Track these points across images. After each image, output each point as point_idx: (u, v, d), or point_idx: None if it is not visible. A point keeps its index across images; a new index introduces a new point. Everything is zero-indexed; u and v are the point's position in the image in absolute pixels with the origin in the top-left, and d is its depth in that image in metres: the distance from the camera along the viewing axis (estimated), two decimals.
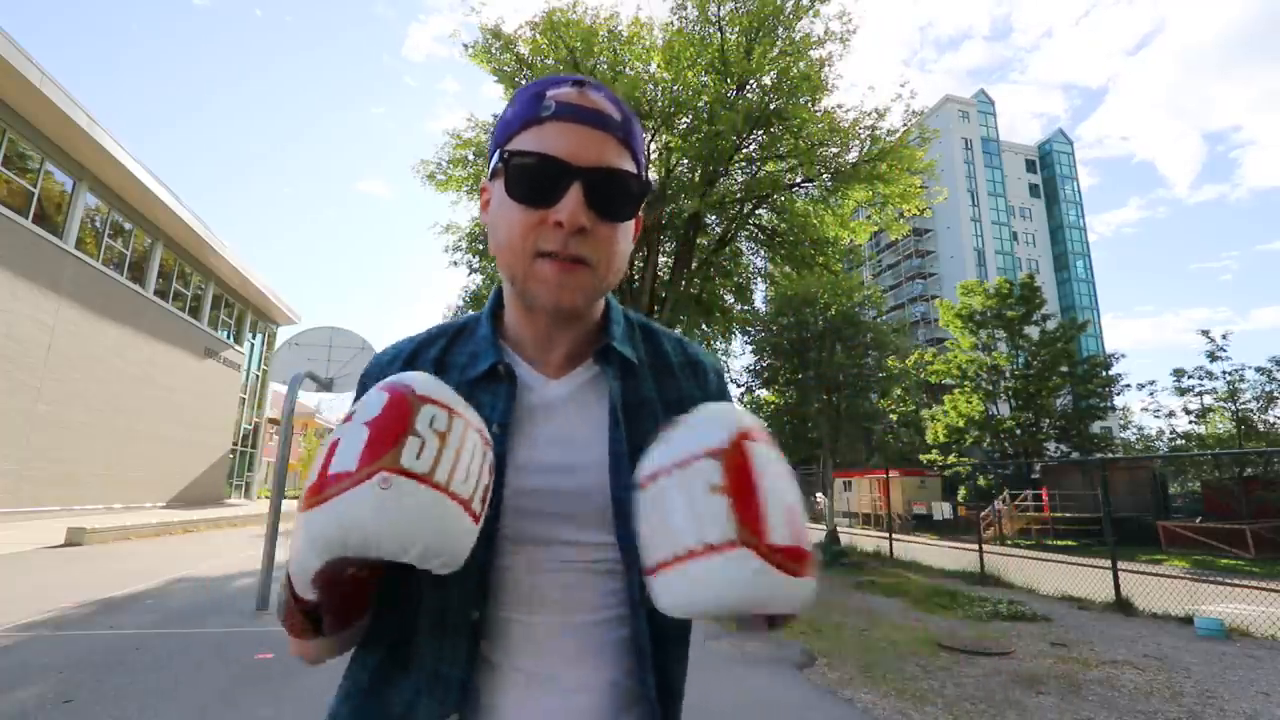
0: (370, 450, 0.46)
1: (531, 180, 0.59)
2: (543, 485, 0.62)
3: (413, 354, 0.71)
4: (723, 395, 0.74)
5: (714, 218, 14.80)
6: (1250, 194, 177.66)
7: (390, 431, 0.47)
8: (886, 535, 12.89)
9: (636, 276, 14.65)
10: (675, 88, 13.21)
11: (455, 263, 15.74)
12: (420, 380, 0.52)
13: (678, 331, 0.78)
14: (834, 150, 13.18)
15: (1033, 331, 22.86)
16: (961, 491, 21.88)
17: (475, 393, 0.64)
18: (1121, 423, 42.64)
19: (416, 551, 0.45)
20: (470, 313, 0.74)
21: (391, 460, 0.45)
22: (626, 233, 0.63)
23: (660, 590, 0.49)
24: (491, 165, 0.64)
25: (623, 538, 0.60)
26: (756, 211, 14.88)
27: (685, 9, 13.06)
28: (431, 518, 0.46)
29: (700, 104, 12.93)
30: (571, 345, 0.68)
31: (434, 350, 0.71)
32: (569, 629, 0.60)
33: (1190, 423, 21.00)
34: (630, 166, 0.62)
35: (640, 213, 0.65)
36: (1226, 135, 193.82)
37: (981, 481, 21.12)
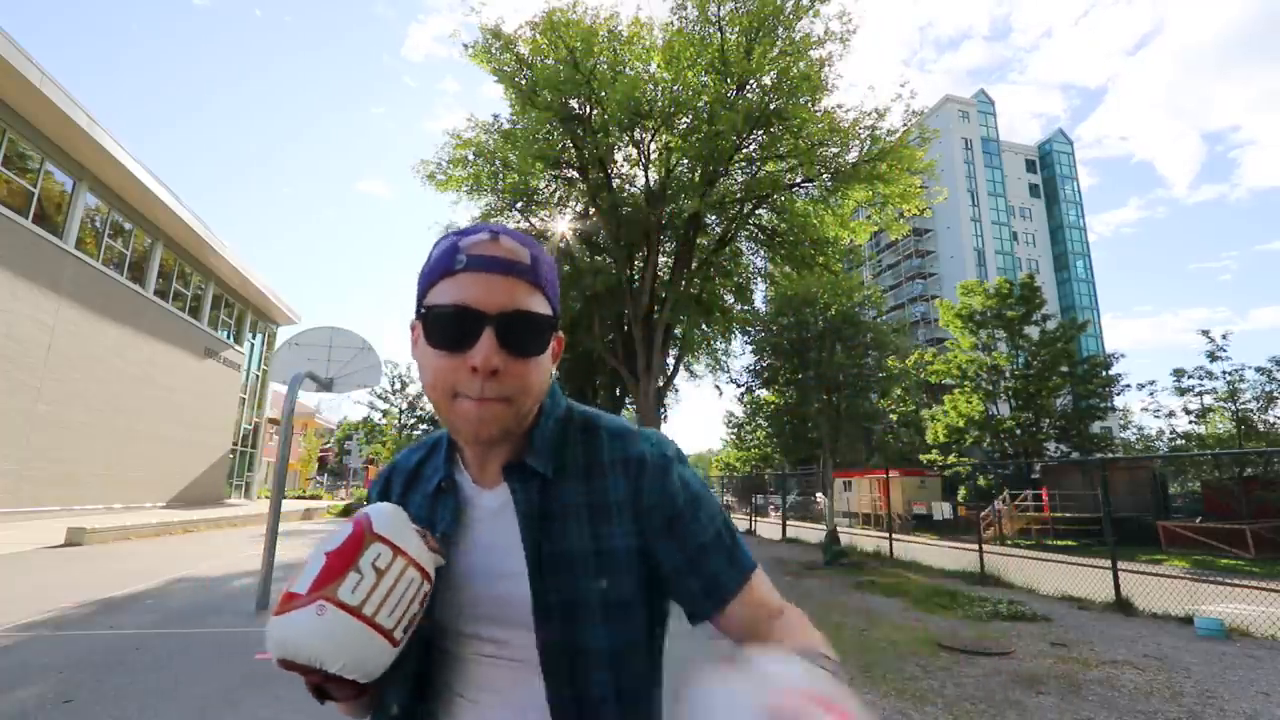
0: (319, 580, 0.58)
1: (447, 329, 0.65)
2: (474, 590, 0.70)
3: (396, 465, 0.85)
4: (664, 483, 0.72)
5: (714, 218, 14.81)
6: (1249, 194, 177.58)
7: (338, 567, 0.59)
8: (886, 535, 12.89)
9: (637, 276, 14.65)
10: (675, 88, 13.22)
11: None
12: (380, 515, 0.63)
13: (625, 420, 0.81)
14: (834, 150, 13.18)
15: (1033, 331, 22.86)
16: (961, 491, 21.89)
17: (435, 503, 0.75)
18: (1121, 423, 42.63)
19: (338, 666, 0.57)
20: None
21: (331, 591, 0.58)
22: (541, 362, 0.69)
23: None
24: (416, 311, 0.70)
25: (542, 639, 0.67)
26: (756, 211, 14.89)
27: (685, 9, 13.06)
28: (354, 643, 0.57)
29: (700, 104, 12.94)
30: (503, 459, 0.74)
31: (415, 460, 0.83)
32: (506, 711, 0.68)
33: (1190, 423, 20.98)
34: (540, 305, 0.68)
35: (560, 333, 0.74)
36: (1225, 135, 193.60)
37: (981, 481, 21.09)
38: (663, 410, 15.42)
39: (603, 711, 0.66)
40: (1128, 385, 22.69)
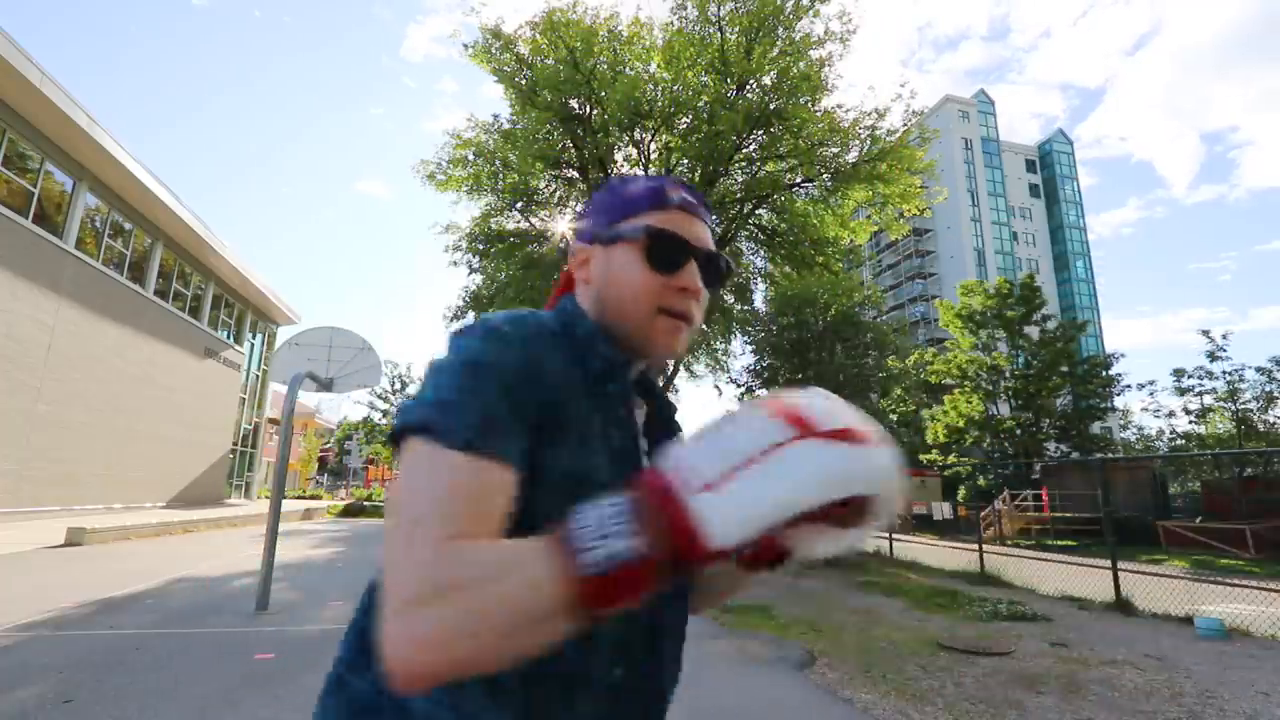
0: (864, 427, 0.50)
1: (666, 253, 0.72)
2: None
3: (552, 337, 0.67)
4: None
5: (714, 218, 14.79)
6: (1248, 194, 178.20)
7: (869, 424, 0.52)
8: (886, 535, 12.89)
9: None
10: (675, 88, 13.22)
11: (455, 263, 15.73)
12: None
13: None
14: (834, 150, 13.19)
15: (1033, 332, 22.88)
16: (961, 491, 21.90)
17: (603, 406, 0.68)
18: (1121, 423, 42.63)
19: (894, 511, 0.49)
20: (549, 313, 0.74)
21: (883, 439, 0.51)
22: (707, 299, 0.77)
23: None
24: (617, 233, 0.75)
25: None
26: (756, 211, 14.89)
27: (685, 9, 13.07)
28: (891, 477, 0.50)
29: (700, 104, 12.94)
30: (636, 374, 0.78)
31: (567, 341, 0.69)
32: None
33: (1190, 423, 21.03)
34: (714, 243, 0.79)
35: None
36: (1224, 136, 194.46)
37: (981, 481, 21.13)
38: None
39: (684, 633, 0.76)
40: (1128, 385, 22.74)
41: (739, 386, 18.47)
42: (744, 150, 13.50)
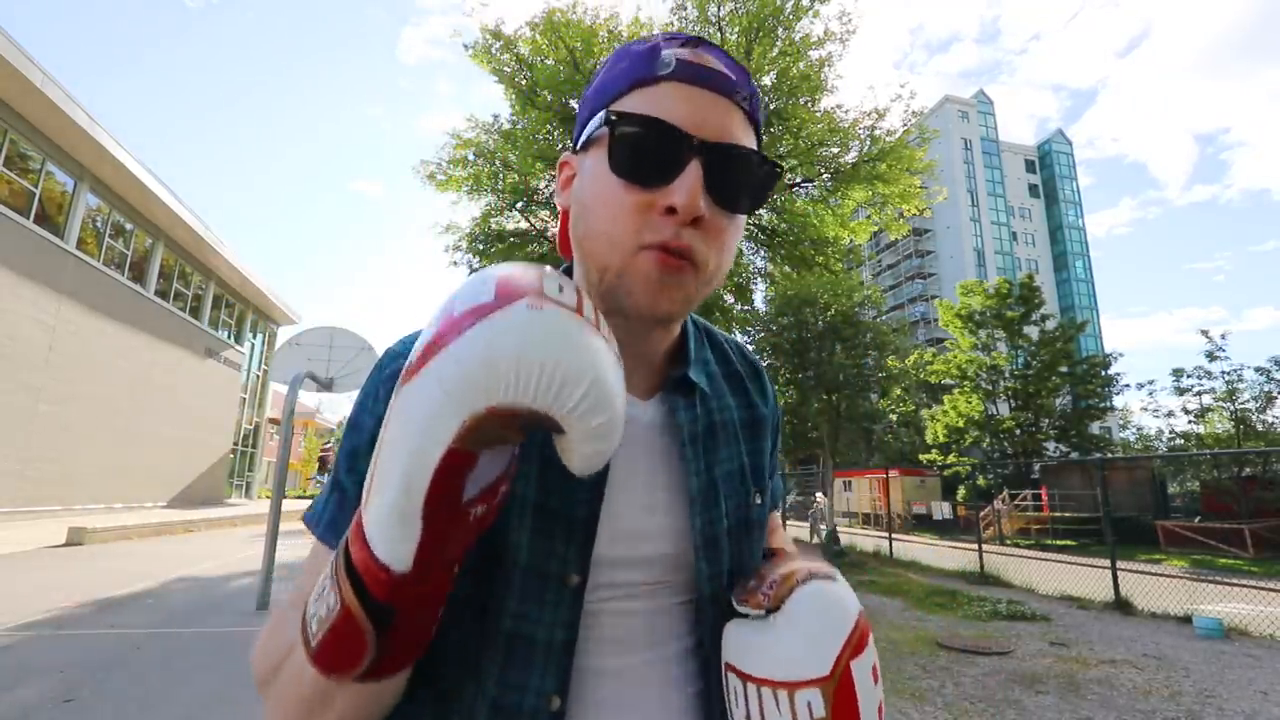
0: (507, 284, 0.36)
1: (641, 151, 0.47)
2: (637, 528, 0.54)
3: None
4: (775, 400, 0.72)
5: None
6: (1242, 195, 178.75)
7: (526, 274, 0.38)
8: (886, 535, 12.90)
9: None
10: None
11: (455, 263, 15.72)
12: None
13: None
14: (834, 150, 13.21)
15: (1032, 331, 22.90)
16: (961, 491, 21.89)
17: None
18: (1121, 423, 42.67)
19: (581, 390, 0.34)
20: None
21: (536, 292, 0.36)
22: (739, 230, 0.52)
23: None
24: (586, 133, 0.52)
25: (708, 572, 0.56)
26: (756, 211, 14.91)
27: (685, 9, 13.09)
28: (592, 349, 0.35)
29: None
30: (658, 363, 0.59)
31: None
32: (653, 662, 0.55)
33: (1189, 423, 21.04)
34: (755, 146, 0.52)
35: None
36: (1217, 137, 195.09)
37: (981, 481, 21.15)
38: None
39: None
40: (1127, 385, 22.79)
41: None
42: None
